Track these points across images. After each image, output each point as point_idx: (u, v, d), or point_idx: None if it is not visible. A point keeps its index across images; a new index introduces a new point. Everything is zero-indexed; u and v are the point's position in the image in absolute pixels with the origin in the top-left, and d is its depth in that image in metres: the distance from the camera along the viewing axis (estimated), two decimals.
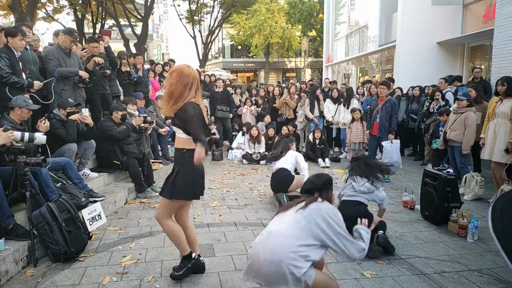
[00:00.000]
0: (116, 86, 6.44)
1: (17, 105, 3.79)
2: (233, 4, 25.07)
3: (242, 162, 8.07)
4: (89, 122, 4.76)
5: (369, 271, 3.17)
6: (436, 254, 3.55)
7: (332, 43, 20.87)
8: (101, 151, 5.24)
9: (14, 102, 3.81)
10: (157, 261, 3.32)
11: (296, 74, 37.49)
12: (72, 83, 5.09)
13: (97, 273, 3.09)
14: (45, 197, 3.50)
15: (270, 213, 4.68)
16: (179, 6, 24.96)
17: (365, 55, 16.53)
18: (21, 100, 3.82)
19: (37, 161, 3.35)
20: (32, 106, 3.89)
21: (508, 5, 7.26)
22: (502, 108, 4.96)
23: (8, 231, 3.20)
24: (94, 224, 3.86)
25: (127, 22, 18.28)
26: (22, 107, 3.79)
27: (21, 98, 3.86)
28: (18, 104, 3.79)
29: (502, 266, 3.29)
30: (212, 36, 24.76)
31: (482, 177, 5.43)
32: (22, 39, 4.25)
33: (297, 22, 28.69)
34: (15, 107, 3.79)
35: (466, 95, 5.76)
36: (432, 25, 11.30)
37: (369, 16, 15.61)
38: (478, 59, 11.29)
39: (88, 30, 22.45)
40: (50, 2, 19.69)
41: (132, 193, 5.20)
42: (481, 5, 10.37)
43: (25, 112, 3.84)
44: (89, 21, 21.90)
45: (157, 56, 35.63)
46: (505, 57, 7.30)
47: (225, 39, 35.93)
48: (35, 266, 3.16)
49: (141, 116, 5.47)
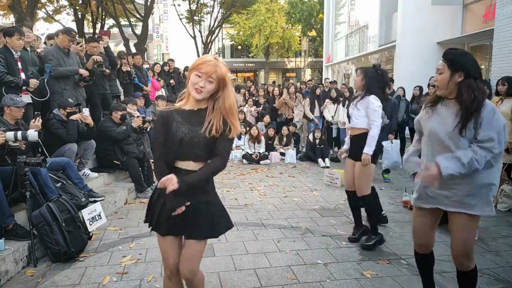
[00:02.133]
0: (116, 86, 6.45)
1: (5, 104, 3.75)
2: (233, 4, 25.06)
3: (242, 162, 8.07)
4: (89, 122, 4.76)
5: (369, 271, 3.17)
6: (436, 254, 3.52)
7: (332, 43, 20.88)
8: (101, 151, 5.24)
9: (2, 102, 3.78)
10: (157, 261, 3.32)
11: (296, 74, 37.48)
12: (73, 82, 5.09)
13: (97, 273, 3.09)
14: (45, 197, 3.50)
15: (270, 213, 4.69)
16: (179, 6, 24.95)
17: (365, 55, 16.54)
18: (8, 99, 3.76)
19: (37, 161, 3.35)
20: (19, 104, 3.78)
21: (508, 5, 7.26)
22: (502, 108, 4.96)
23: (8, 231, 3.20)
24: (94, 224, 3.86)
25: (127, 22, 18.27)
26: (10, 106, 3.73)
27: (8, 97, 3.79)
28: (6, 103, 3.74)
29: (502, 266, 3.29)
30: (212, 36, 24.75)
31: None
32: (19, 39, 4.24)
33: (297, 22, 28.69)
34: (3, 106, 3.76)
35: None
36: (432, 25, 11.30)
37: (369, 16, 15.62)
38: (478, 59, 11.25)
39: (88, 30, 22.45)
40: (50, 2, 19.70)
41: (132, 193, 5.20)
42: (481, 5, 10.37)
43: (15, 111, 3.76)
44: (89, 21, 21.90)
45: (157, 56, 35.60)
46: (505, 57, 7.30)
47: (225, 39, 35.92)
48: (35, 266, 3.16)
49: (140, 117, 5.47)
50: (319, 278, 3.05)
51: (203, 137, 1.90)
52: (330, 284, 2.96)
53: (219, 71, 1.89)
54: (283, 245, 3.71)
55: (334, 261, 3.36)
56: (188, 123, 1.93)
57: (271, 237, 3.90)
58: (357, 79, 3.68)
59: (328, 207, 4.97)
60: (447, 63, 2.13)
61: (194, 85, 1.89)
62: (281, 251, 3.55)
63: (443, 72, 2.13)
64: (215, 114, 1.92)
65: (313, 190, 5.83)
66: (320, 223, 4.36)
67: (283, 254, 3.50)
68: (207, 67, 1.87)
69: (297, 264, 3.30)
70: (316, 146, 8.17)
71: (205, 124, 1.91)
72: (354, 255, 3.50)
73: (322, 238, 3.89)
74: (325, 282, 2.99)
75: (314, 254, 3.50)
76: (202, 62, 1.89)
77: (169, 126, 1.94)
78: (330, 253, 3.53)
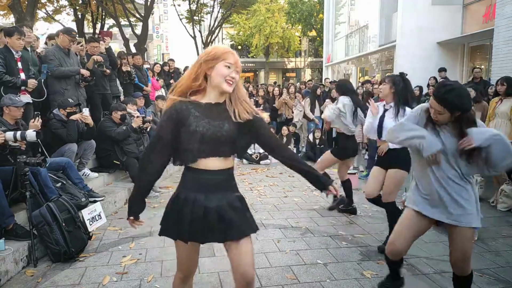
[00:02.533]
0: (116, 86, 6.45)
1: (4, 104, 3.74)
2: (233, 4, 25.07)
3: (242, 162, 8.07)
4: (89, 122, 4.76)
5: (369, 271, 3.17)
6: (436, 254, 3.55)
7: (332, 43, 20.88)
8: (101, 151, 5.24)
9: (1, 102, 3.78)
10: (157, 261, 3.32)
11: (296, 74, 37.46)
12: (74, 82, 5.09)
13: (97, 273, 3.09)
14: (45, 197, 3.50)
15: (270, 213, 4.68)
16: (179, 6, 24.95)
17: (365, 55, 16.54)
18: (7, 99, 3.76)
19: (37, 161, 3.35)
20: (18, 103, 3.78)
21: (508, 5, 7.27)
22: (502, 108, 4.96)
23: (8, 231, 3.20)
24: (94, 224, 3.86)
25: (127, 22, 18.27)
26: (9, 106, 3.73)
27: (7, 97, 3.79)
28: (5, 103, 3.74)
29: (502, 266, 3.29)
30: (212, 36, 24.75)
31: (482, 177, 5.42)
32: (19, 38, 4.23)
33: (297, 22, 28.68)
34: (3, 106, 3.76)
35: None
36: (432, 25, 11.31)
37: (369, 16, 15.62)
38: (478, 59, 11.30)
39: (88, 30, 22.45)
40: (50, 2, 19.69)
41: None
42: (481, 5, 10.38)
43: (14, 111, 3.75)
44: (89, 21, 21.89)
45: (157, 56, 35.61)
46: (505, 57, 7.30)
47: (225, 39, 35.90)
48: (35, 266, 3.16)
49: (140, 117, 5.47)
50: (319, 278, 3.05)
51: (227, 131, 1.78)
52: (330, 284, 2.96)
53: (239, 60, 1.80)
54: (283, 245, 3.71)
55: (334, 261, 3.36)
56: (208, 117, 1.77)
57: (271, 237, 3.90)
58: (385, 87, 3.55)
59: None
60: (446, 106, 2.12)
61: (224, 77, 1.74)
62: (281, 251, 3.55)
63: (443, 113, 2.15)
64: (235, 104, 1.82)
65: (313, 190, 5.82)
66: (320, 223, 4.36)
67: (283, 254, 3.50)
68: (234, 57, 1.76)
69: (297, 264, 3.30)
70: (316, 146, 8.17)
71: (231, 113, 1.80)
72: (354, 255, 3.50)
73: (322, 238, 3.90)
74: (325, 282, 2.99)
75: (314, 254, 3.50)
76: (226, 51, 1.76)
77: (185, 121, 1.76)
78: (330, 253, 3.53)
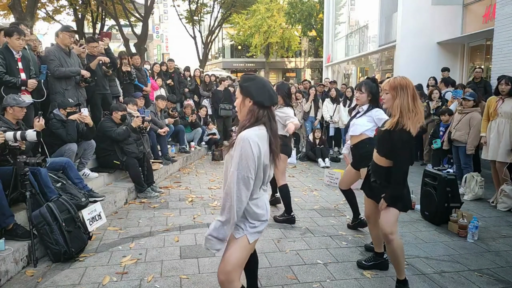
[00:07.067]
0: (116, 86, 6.45)
1: (8, 104, 3.74)
2: (233, 4, 25.08)
3: None
4: (88, 122, 4.75)
5: (369, 271, 3.17)
6: (436, 254, 3.56)
7: (332, 43, 20.86)
8: (101, 151, 5.24)
9: (5, 102, 3.78)
10: (157, 261, 3.32)
11: (296, 74, 37.49)
12: (74, 82, 5.09)
13: (97, 273, 3.09)
14: (45, 197, 3.50)
15: (270, 213, 4.68)
16: (179, 6, 24.96)
17: (365, 55, 16.53)
18: (10, 99, 3.76)
19: (37, 161, 3.35)
20: (22, 104, 3.79)
21: (508, 5, 7.27)
22: (505, 108, 4.91)
23: (8, 231, 3.20)
24: (94, 224, 3.86)
25: (127, 22, 18.27)
26: (13, 106, 3.74)
27: (11, 97, 3.79)
28: (9, 103, 3.74)
29: (502, 266, 3.30)
30: (212, 36, 24.77)
31: (482, 177, 5.43)
32: (19, 38, 4.23)
33: (297, 22, 28.70)
34: (6, 106, 3.75)
35: (472, 96, 5.71)
36: (432, 25, 11.30)
37: (369, 16, 15.61)
38: (478, 59, 11.29)
39: (88, 30, 22.47)
40: (50, 2, 19.70)
41: (132, 193, 5.19)
42: (481, 5, 10.37)
43: (17, 111, 3.76)
44: (89, 21, 21.91)
45: (157, 56, 35.64)
46: (505, 57, 7.30)
47: (225, 39, 35.95)
48: (35, 266, 3.16)
49: (139, 117, 5.47)
50: (319, 278, 3.05)
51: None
52: (330, 284, 2.96)
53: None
54: (283, 245, 3.71)
55: (334, 261, 3.36)
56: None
57: (271, 237, 3.90)
58: (363, 96, 3.66)
59: (328, 207, 4.97)
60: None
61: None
62: (281, 251, 3.55)
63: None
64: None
65: (313, 190, 5.83)
66: (320, 223, 4.36)
67: (283, 254, 3.50)
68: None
69: (297, 264, 3.30)
70: (316, 146, 8.17)
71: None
72: (354, 255, 3.50)
73: (322, 238, 3.90)
74: (325, 282, 2.99)
75: (314, 254, 3.50)
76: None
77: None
78: (330, 253, 3.53)
